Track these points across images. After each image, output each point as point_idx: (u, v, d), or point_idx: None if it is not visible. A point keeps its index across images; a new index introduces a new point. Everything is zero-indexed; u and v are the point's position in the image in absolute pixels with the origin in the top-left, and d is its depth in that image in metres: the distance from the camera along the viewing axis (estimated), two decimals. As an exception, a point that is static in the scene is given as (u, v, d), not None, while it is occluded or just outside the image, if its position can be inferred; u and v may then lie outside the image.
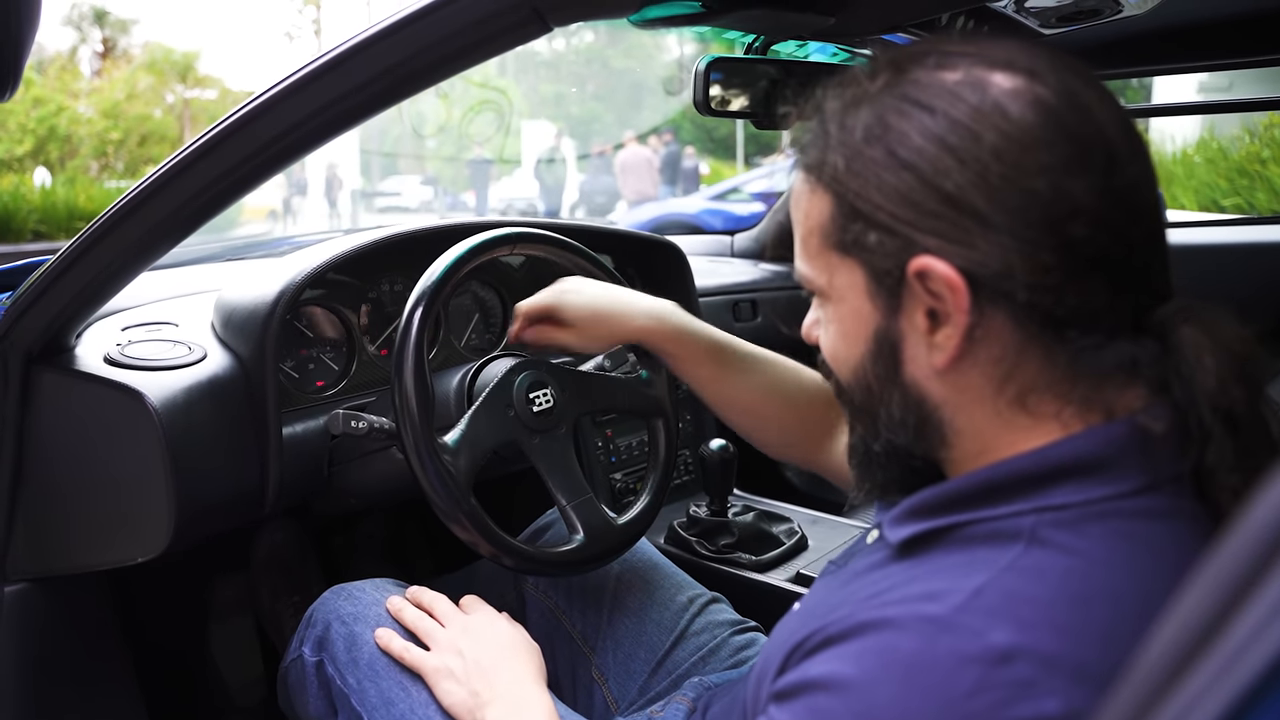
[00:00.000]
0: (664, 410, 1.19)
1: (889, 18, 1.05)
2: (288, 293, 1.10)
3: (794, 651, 0.60)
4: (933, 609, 0.53)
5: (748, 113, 1.27)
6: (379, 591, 1.03)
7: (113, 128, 17.24)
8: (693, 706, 0.95)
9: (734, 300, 1.95)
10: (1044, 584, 0.53)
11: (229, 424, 1.07)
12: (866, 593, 0.59)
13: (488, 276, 1.46)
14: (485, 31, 0.80)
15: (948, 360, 0.58)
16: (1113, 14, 1.10)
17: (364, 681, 0.94)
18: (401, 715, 0.91)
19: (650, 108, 19.06)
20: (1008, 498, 0.58)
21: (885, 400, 0.63)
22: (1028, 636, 0.50)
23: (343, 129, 0.87)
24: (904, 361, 0.61)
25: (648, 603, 1.12)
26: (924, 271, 0.56)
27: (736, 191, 8.32)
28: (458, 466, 0.98)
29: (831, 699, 0.54)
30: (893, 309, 0.60)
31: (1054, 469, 0.57)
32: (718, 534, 1.37)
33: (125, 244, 0.94)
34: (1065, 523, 0.55)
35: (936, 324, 0.58)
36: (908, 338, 0.60)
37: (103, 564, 1.06)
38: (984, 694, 0.50)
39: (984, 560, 0.55)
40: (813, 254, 0.64)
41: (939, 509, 0.61)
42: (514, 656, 0.93)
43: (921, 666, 0.51)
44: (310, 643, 1.00)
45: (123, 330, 1.16)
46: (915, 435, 0.63)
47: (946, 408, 0.61)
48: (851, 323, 0.63)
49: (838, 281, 0.62)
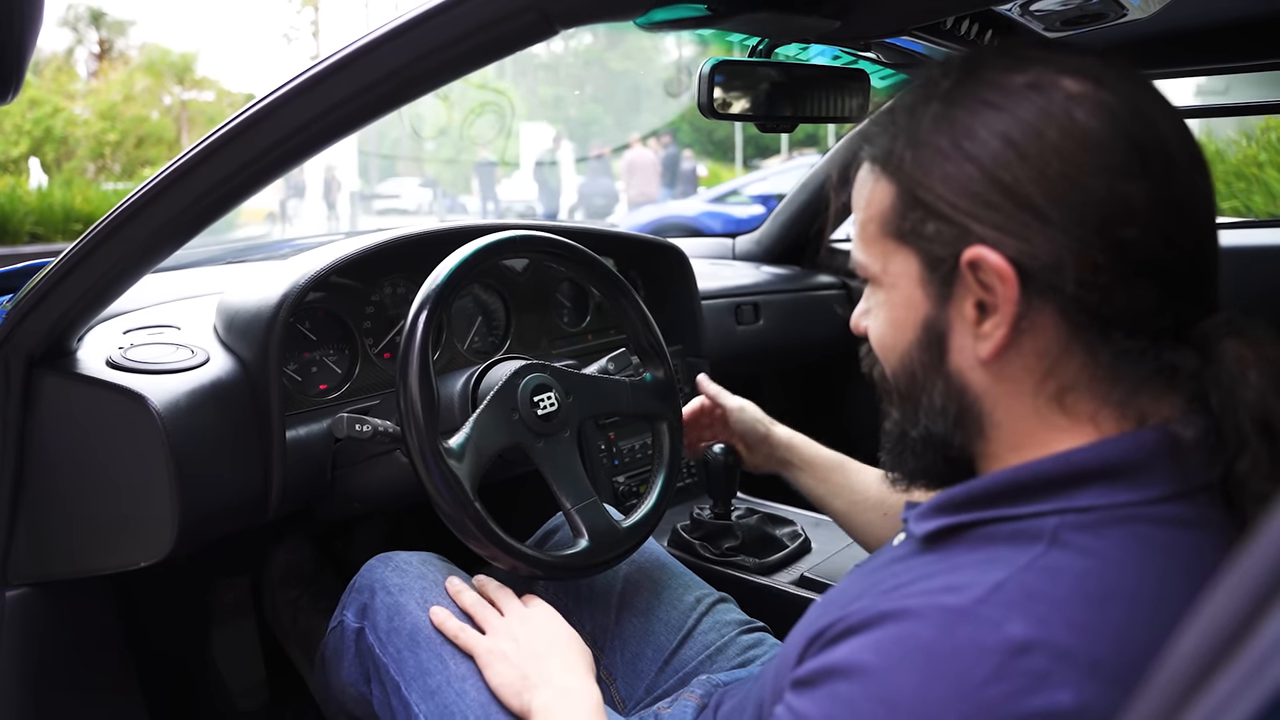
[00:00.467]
0: (668, 413, 1.19)
1: (894, 21, 1.05)
2: (291, 295, 1.10)
3: (814, 640, 0.61)
4: (953, 600, 0.54)
5: (752, 115, 1.27)
6: (426, 565, 1.05)
7: (109, 129, 17.24)
8: (701, 703, 0.95)
9: (736, 303, 1.95)
10: (1061, 583, 0.53)
11: (232, 427, 1.06)
12: (887, 585, 0.60)
13: (490, 279, 1.46)
14: (491, 34, 0.79)
15: (993, 351, 0.59)
16: (1117, 17, 1.10)
17: (403, 651, 0.97)
18: (437, 686, 0.94)
19: (649, 110, 19.07)
20: (1032, 498, 0.58)
21: (928, 388, 0.64)
22: (1044, 630, 0.51)
23: (347, 132, 0.87)
24: (950, 351, 0.62)
25: (655, 602, 1.13)
26: (976, 261, 0.58)
27: (736, 194, 8.33)
28: (463, 470, 0.98)
29: (851, 685, 0.55)
30: (943, 298, 0.61)
31: (1080, 472, 0.58)
32: (721, 537, 1.37)
33: (129, 247, 0.93)
34: (1087, 525, 0.56)
35: (984, 315, 0.59)
36: (955, 327, 0.62)
37: (105, 569, 1.05)
38: (1000, 683, 0.51)
39: (1005, 558, 0.56)
40: (870, 241, 0.65)
41: (964, 505, 0.62)
42: (567, 648, 0.95)
43: (940, 655, 0.53)
44: (353, 609, 1.03)
45: (124, 333, 1.16)
46: (954, 424, 0.64)
47: (987, 399, 0.62)
48: (902, 310, 0.64)
49: (892, 268, 0.64)
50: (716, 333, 1.82)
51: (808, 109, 1.31)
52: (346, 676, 1.03)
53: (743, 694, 0.86)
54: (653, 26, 0.94)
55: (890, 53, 1.38)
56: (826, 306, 2.18)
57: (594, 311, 1.62)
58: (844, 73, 1.31)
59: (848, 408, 2.32)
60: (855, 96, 1.33)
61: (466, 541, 0.99)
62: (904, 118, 0.62)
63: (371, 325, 1.31)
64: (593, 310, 1.62)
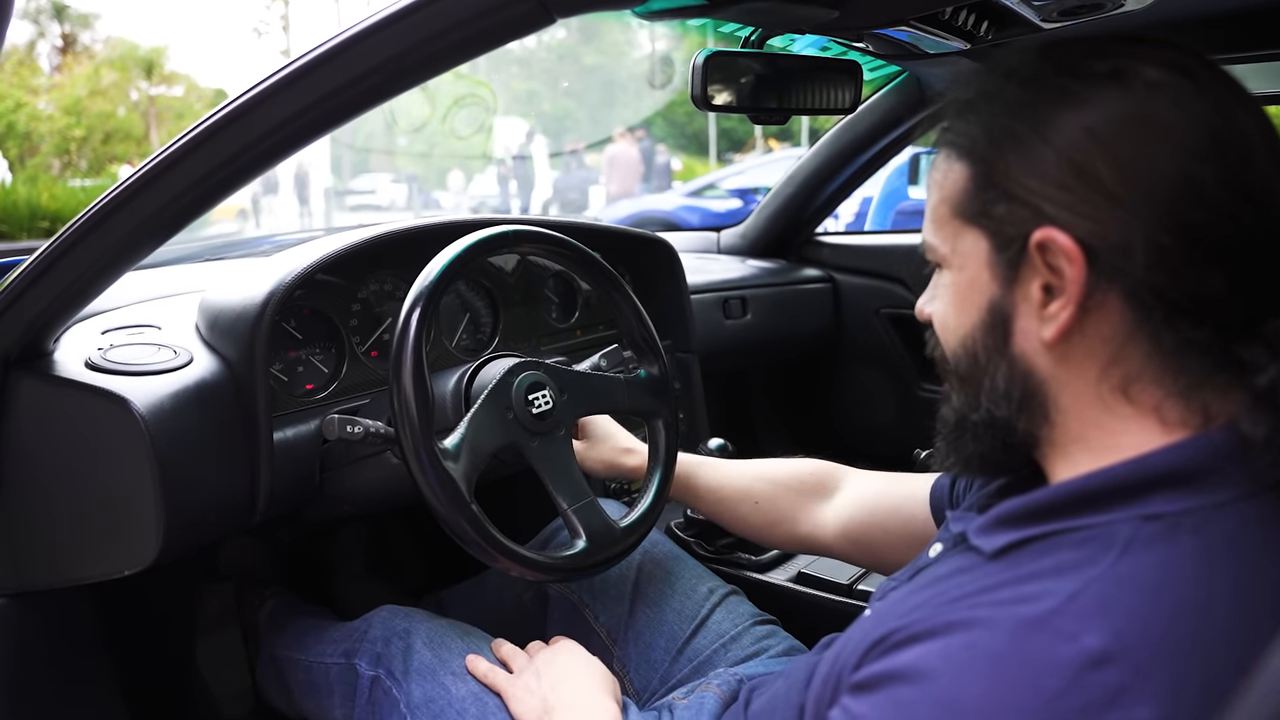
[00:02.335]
0: (663, 409, 1.17)
1: (892, 11, 1.04)
2: (278, 293, 1.07)
3: (874, 647, 0.60)
4: (1026, 610, 0.53)
5: (745, 107, 1.25)
6: (433, 616, 1.11)
7: (75, 125, 16.97)
8: (723, 696, 0.95)
9: (724, 297, 1.93)
10: (1138, 593, 0.52)
11: (218, 430, 1.03)
12: (953, 595, 0.59)
13: (478, 276, 1.44)
14: (488, 23, 0.77)
15: (1057, 333, 0.59)
16: (1114, 8, 1.09)
17: (413, 687, 1.01)
18: (440, 710, 0.98)
19: (623, 104, 19.02)
20: (1103, 506, 0.57)
21: (990, 371, 0.64)
22: (1122, 643, 0.50)
23: (339, 123, 0.84)
24: (1014, 334, 0.62)
25: (669, 592, 1.14)
26: (1045, 242, 0.58)
27: (713, 188, 8.32)
28: (458, 471, 0.96)
29: (914, 689, 0.54)
30: (1009, 280, 0.61)
31: (1150, 479, 0.57)
32: (715, 534, 1.36)
33: (108, 244, 0.90)
34: (1160, 534, 0.55)
35: (1050, 297, 0.59)
36: (1020, 310, 0.61)
37: (88, 578, 1.02)
38: (1074, 696, 0.49)
39: (1078, 566, 0.55)
40: (940, 223, 0.66)
41: (1032, 517, 0.61)
42: (585, 671, 0.97)
43: (1011, 664, 0.52)
44: (366, 657, 1.07)
45: (103, 334, 1.12)
46: (1018, 408, 0.63)
47: (1052, 384, 0.62)
48: (967, 291, 0.64)
49: (960, 249, 0.64)
50: (705, 327, 1.80)
51: (800, 100, 1.29)
52: (339, 714, 1.09)
53: (771, 693, 0.85)
54: (651, 15, 0.92)
55: (882, 44, 1.36)
56: (814, 300, 2.17)
57: (582, 307, 1.60)
58: (837, 64, 1.30)
59: (834, 401, 2.31)
60: (848, 88, 1.32)
61: (463, 544, 0.96)
62: (984, 104, 0.63)
63: (358, 323, 1.28)
64: (581, 306, 1.60)
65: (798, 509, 1.12)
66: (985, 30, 1.15)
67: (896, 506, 1.04)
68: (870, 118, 1.88)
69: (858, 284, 2.18)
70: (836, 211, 2.27)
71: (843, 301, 2.20)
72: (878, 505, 1.06)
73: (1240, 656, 0.49)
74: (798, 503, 1.12)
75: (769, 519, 1.13)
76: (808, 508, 1.11)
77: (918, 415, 2.12)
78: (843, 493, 1.11)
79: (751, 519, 1.14)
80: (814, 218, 2.20)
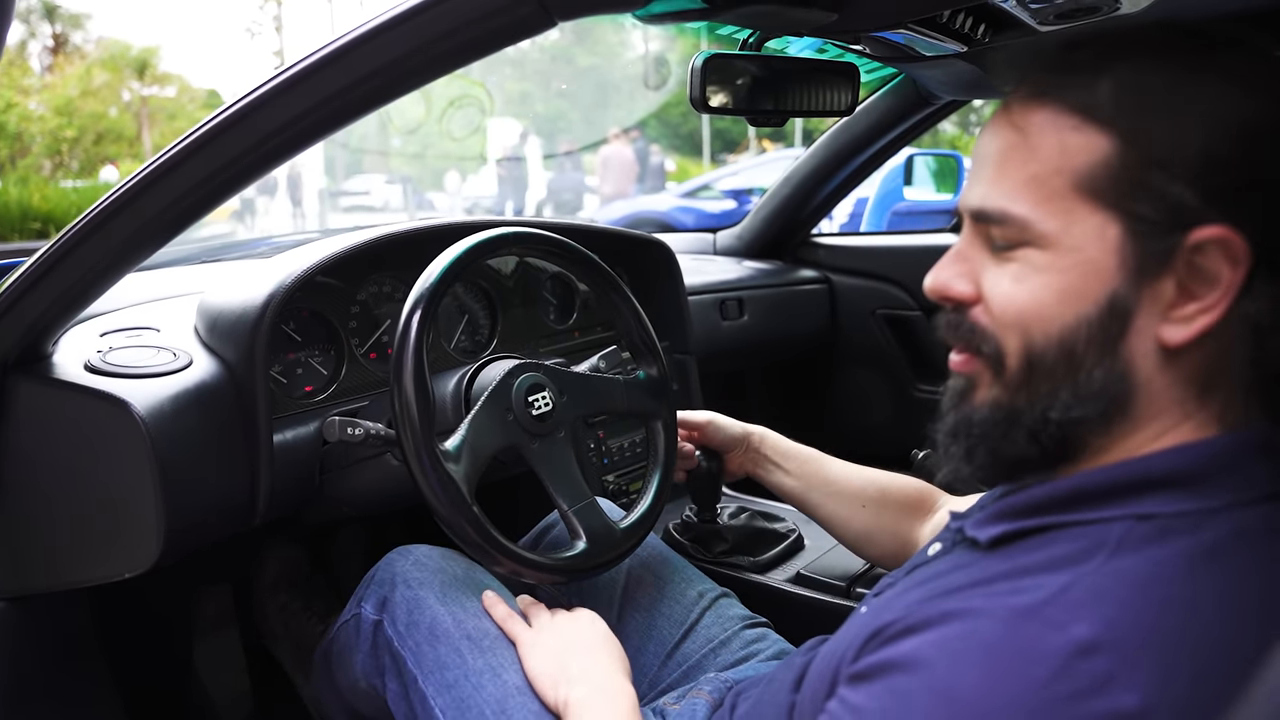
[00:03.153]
0: (662, 410, 1.17)
1: (892, 15, 1.04)
2: (278, 296, 1.07)
3: (870, 639, 0.60)
4: (1018, 601, 0.54)
5: (744, 110, 1.25)
6: (446, 560, 1.05)
7: (66, 125, 16.91)
8: (713, 702, 0.95)
9: (721, 299, 1.94)
10: (1128, 588, 0.53)
11: (218, 432, 1.03)
12: (948, 587, 0.60)
13: (476, 277, 1.44)
14: (490, 26, 0.77)
15: (1187, 337, 0.56)
16: (1110, 11, 1.10)
17: (422, 645, 0.97)
18: (455, 680, 0.93)
19: (616, 105, 19.02)
20: (1099, 503, 0.58)
21: (1089, 366, 0.58)
22: (1110, 633, 0.51)
23: (340, 125, 0.84)
24: (1130, 331, 0.57)
25: (658, 597, 1.13)
26: (1212, 241, 0.54)
27: (707, 189, 8.32)
28: (459, 473, 0.96)
29: (910, 679, 0.55)
30: (1142, 273, 0.56)
31: (1149, 480, 0.57)
32: (711, 541, 1.36)
33: (110, 245, 0.90)
34: (1153, 533, 0.55)
35: (1185, 299, 0.55)
36: (1144, 308, 0.56)
37: (87, 581, 1.02)
38: (1063, 683, 0.50)
39: (1071, 561, 0.55)
40: (1049, 195, 0.58)
41: (1030, 511, 0.61)
42: (608, 651, 0.94)
43: (1004, 652, 0.52)
44: (372, 601, 1.02)
45: (101, 336, 1.12)
46: (1107, 408, 0.58)
47: (1147, 388, 0.58)
48: (1080, 278, 0.57)
49: (1076, 230, 0.57)
50: (702, 328, 1.81)
51: (799, 103, 1.29)
52: (360, 669, 1.02)
53: (757, 696, 0.85)
54: (651, 19, 0.92)
55: (880, 46, 1.37)
56: (810, 301, 2.18)
57: (580, 309, 1.60)
58: (835, 67, 1.30)
59: (830, 402, 2.32)
60: (846, 91, 1.32)
61: (464, 546, 0.96)
62: (1126, 68, 0.56)
63: (357, 325, 1.28)
64: (579, 307, 1.60)
65: (900, 524, 1.11)
66: (982, 33, 1.16)
67: None
68: (867, 119, 1.89)
69: (854, 285, 2.19)
70: (831, 213, 2.27)
71: (839, 302, 2.21)
72: None
73: (1228, 654, 0.50)
74: (901, 518, 1.11)
75: (870, 527, 1.12)
76: (909, 525, 1.11)
77: (913, 416, 2.14)
78: (939, 515, 1.10)
79: (853, 523, 1.13)
80: (810, 219, 2.20)
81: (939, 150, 2.63)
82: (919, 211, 4.09)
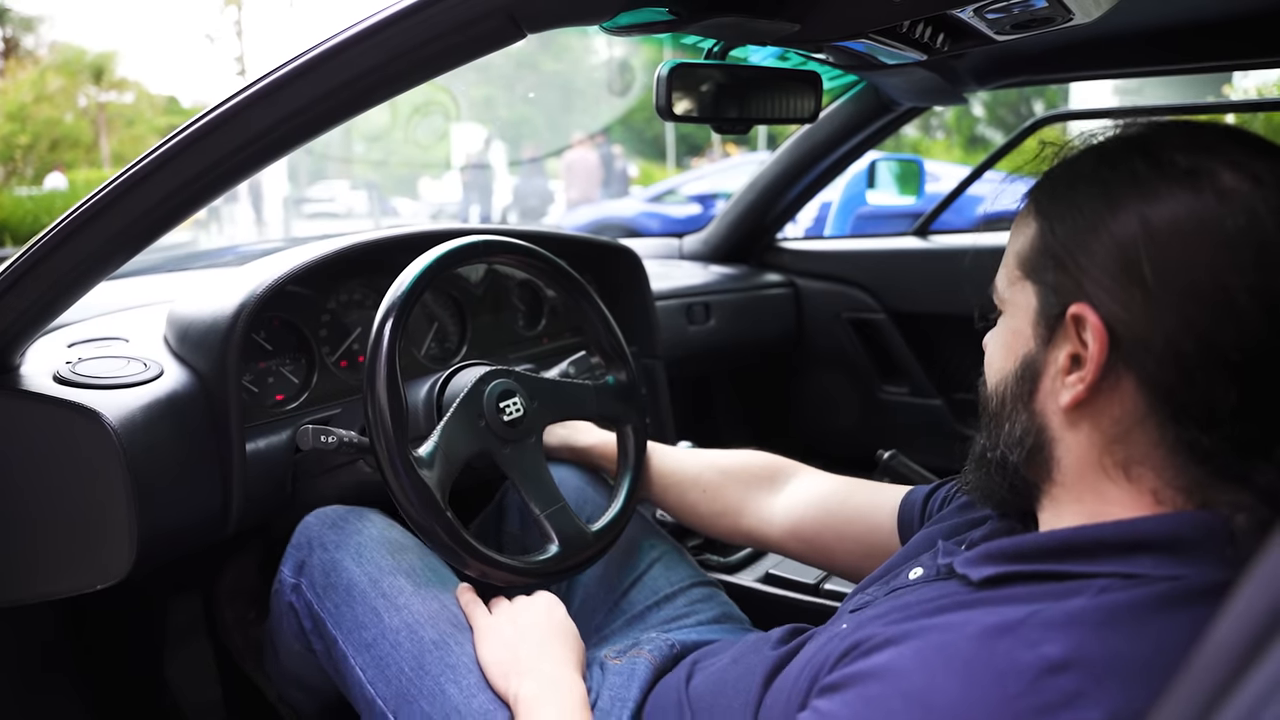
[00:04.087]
0: (632, 415, 1.19)
1: (853, 25, 1.07)
2: (249, 305, 1.07)
3: (847, 654, 0.63)
4: (993, 620, 0.57)
5: (709, 118, 1.27)
6: (361, 521, 1.06)
7: (19, 131, 16.57)
8: (653, 661, 0.97)
9: (688, 304, 1.96)
10: (1101, 617, 0.56)
11: (190, 442, 1.03)
12: (928, 609, 0.63)
13: (445, 285, 1.44)
14: (460, 38, 0.79)
15: (1071, 401, 0.63)
16: (1064, 22, 1.14)
17: (340, 606, 0.99)
18: (373, 639, 0.95)
19: (580, 110, 19.02)
20: (1087, 558, 0.61)
21: (1012, 417, 0.69)
22: (1080, 654, 0.54)
23: (313, 135, 0.86)
24: (1038, 390, 0.66)
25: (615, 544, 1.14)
26: (1080, 315, 0.61)
27: (673, 194, 8.34)
28: (432, 479, 0.97)
29: (885, 686, 0.58)
30: (1045, 340, 0.65)
31: (1138, 541, 0.60)
32: (683, 536, 1.37)
33: (80, 256, 0.90)
34: (1132, 588, 0.58)
35: (1075, 367, 0.63)
36: (1048, 371, 0.66)
37: (60, 592, 1.01)
38: (1032, 696, 0.53)
39: (1050, 597, 0.59)
40: (1009, 269, 0.70)
41: (1018, 557, 0.64)
42: (560, 640, 0.95)
43: (977, 663, 0.55)
44: (290, 565, 1.04)
45: (69, 347, 1.12)
46: (1027, 458, 0.68)
47: (1060, 445, 0.66)
48: (1012, 339, 0.69)
49: (1015, 299, 0.69)
50: (669, 333, 1.83)
51: (763, 110, 1.32)
52: (289, 634, 1.04)
53: (717, 673, 0.87)
54: (619, 30, 0.94)
55: (842, 55, 1.39)
56: (776, 305, 2.21)
57: (548, 315, 1.61)
58: (798, 75, 1.32)
59: (797, 404, 2.35)
60: (809, 98, 1.35)
61: (437, 551, 0.97)
62: (1065, 171, 0.67)
63: (327, 334, 1.28)
64: (547, 314, 1.61)
65: (744, 500, 1.14)
66: (941, 43, 1.19)
67: (858, 513, 1.06)
68: (830, 126, 1.92)
69: (819, 289, 2.22)
70: (795, 217, 2.30)
71: (804, 306, 2.24)
72: (837, 509, 1.08)
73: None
74: (745, 494, 1.15)
75: (715, 509, 1.16)
76: (755, 500, 1.14)
77: (878, 417, 2.18)
78: (793, 489, 1.13)
79: (699, 507, 1.17)
80: (775, 223, 2.23)
81: (901, 155, 2.67)
82: (882, 215, 4.14)
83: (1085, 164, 0.65)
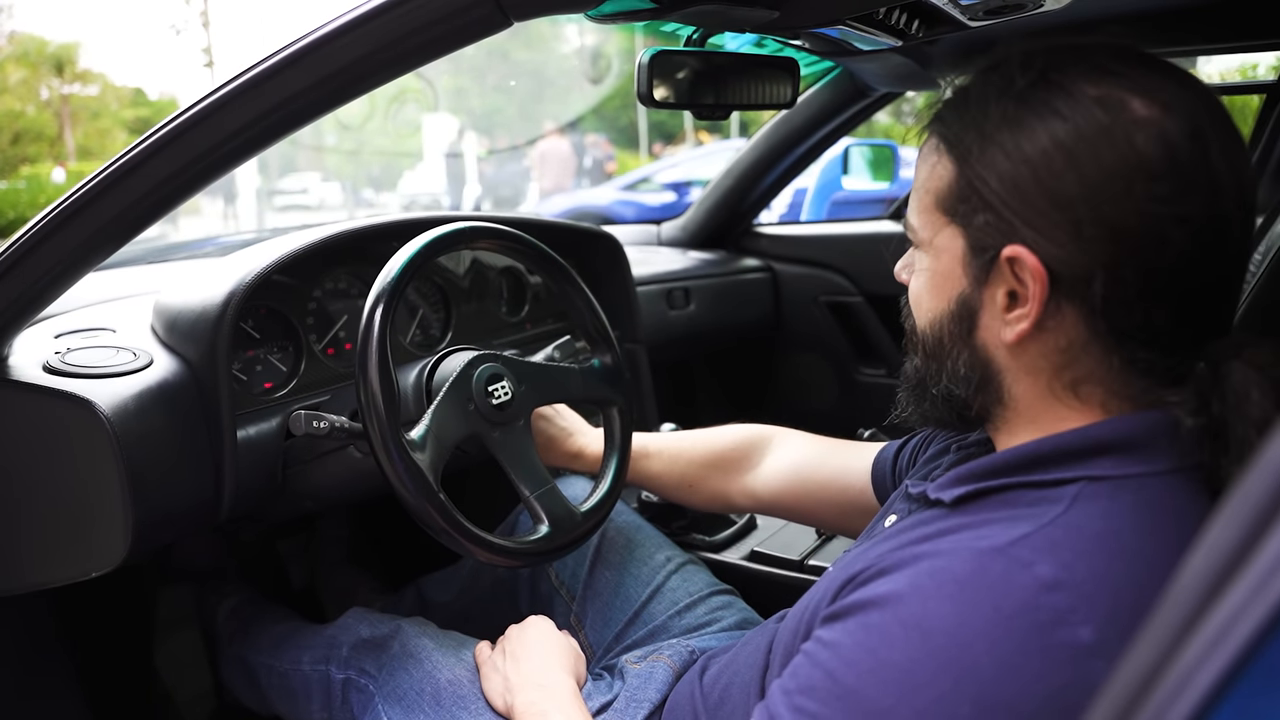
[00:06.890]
0: (618, 397, 1.21)
1: (830, 11, 1.09)
2: (238, 294, 1.08)
3: (844, 586, 0.66)
4: (984, 543, 0.59)
5: (689, 104, 1.29)
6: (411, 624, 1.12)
7: (-21, 125, 16.29)
8: (674, 666, 1.00)
9: (668, 289, 1.98)
10: (1084, 538, 0.58)
11: (181, 430, 1.04)
12: (915, 538, 0.65)
13: (430, 272, 1.45)
14: (447, 27, 0.80)
15: (1016, 337, 0.64)
16: (1035, 8, 1.16)
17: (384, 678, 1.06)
18: (413, 703, 1.02)
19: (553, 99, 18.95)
20: (1053, 466, 0.64)
21: (953, 355, 0.70)
22: (1069, 573, 0.56)
23: (301, 125, 0.86)
24: (978, 327, 0.68)
25: (628, 558, 1.19)
26: (1015, 258, 0.62)
27: (647, 182, 8.35)
28: (425, 461, 0.98)
29: (883, 613, 0.60)
30: (980, 281, 0.66)
31: (1096, 445, 0.63)
32: (671, 517, 1.40)
33: (68, 247, 0.90)
34: (1104, 492, 0.61)
35: (1014, 304, 0.64)
36: (986, 309, 0.67)
37: (53, 581, 1.02)
38: (1028, 615, 0.55)
39: (1029, 516, 0.61)
40: (924, 209, 0.70)
41: (987, 475, 0.67)
42: (545, 648, 1.00)
43: (973, 585, 0.57)
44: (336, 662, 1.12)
45: (57, 338, 1.12)
46: (975, 391, 0.69)
47: (1007, 375, 0.68)
48: (941, 280, 0.69)
49: (938, 241, 0.69)
50: (650, 318, 1.85)
51: (741, 97, 1.34)
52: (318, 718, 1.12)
53: (729, 658, 0.89)
54: (603, 18, 0.96)
55: (818, 41, 1.42)
56: (754, 289, 2.23)
57: (531, 301, 1.63)
58: (777, 62, 1.34)
59: (776, 387, 2.38)
60: (787, 85, 1.37)
61: (431, 532, 0.99)
62: (976, 107, 0.65)
63: (314, 322, 1.29)
64: (530, 300, 1.63)
65: (729, 485, 1.20)
66: (916, 29, 1.21)
67: (834, 476, 1.11)
68: (806, 111, 1.95)
69: (796, 273, 2.25)
70: (770, 203, 2.33)
71: (782, 290, 2.27)
72: (813, 473, 1.13)
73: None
74: (726, 480, 1.20)
75: (702, 496, 1.23)
76: (736, 483, 1.20)
77: (857, 398, 2.21)
78: (771, 461, 1.18)
79: (682, 493, 1.25)
80: (752, 209, 2.26)
81: (875, 140, 2.70)
82: (857, 200, 4.18)
83: (994, 101, 0.64)
